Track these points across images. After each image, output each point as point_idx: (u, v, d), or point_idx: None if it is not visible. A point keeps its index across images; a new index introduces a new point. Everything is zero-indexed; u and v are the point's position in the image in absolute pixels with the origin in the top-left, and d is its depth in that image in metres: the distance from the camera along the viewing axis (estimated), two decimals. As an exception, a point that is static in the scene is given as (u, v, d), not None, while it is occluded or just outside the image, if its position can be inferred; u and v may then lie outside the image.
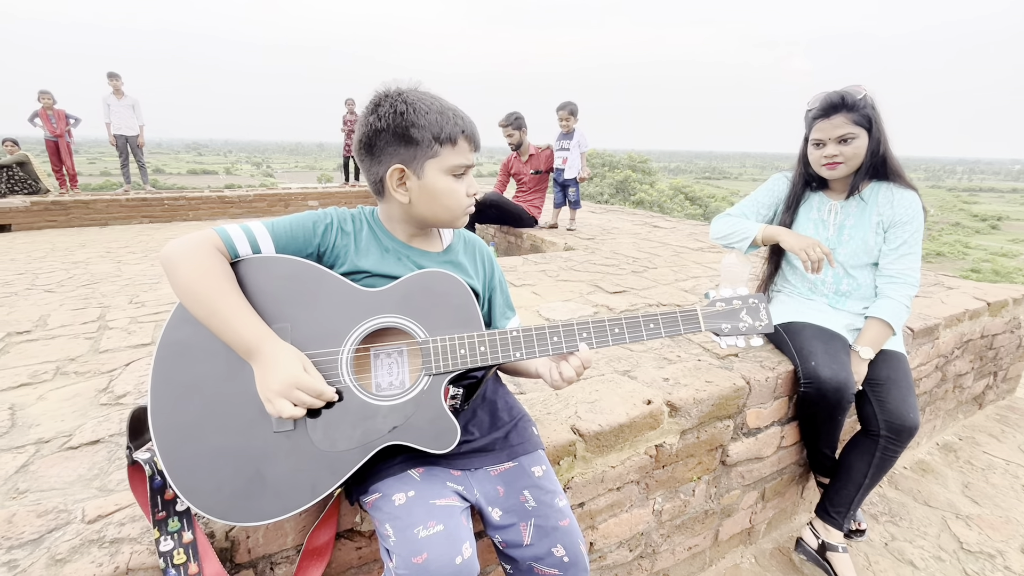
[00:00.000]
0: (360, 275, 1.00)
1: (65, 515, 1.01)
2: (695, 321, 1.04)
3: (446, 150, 0.95)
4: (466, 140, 0.96)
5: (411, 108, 0.93)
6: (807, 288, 1.92)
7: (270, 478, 0.84)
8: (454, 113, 0.95)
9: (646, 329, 1.02)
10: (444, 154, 0.95)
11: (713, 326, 1.05)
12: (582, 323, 0.99)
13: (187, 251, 0.87)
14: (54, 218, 7.38)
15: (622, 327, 1.01)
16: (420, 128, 0.93)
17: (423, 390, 0.92)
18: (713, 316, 1.06)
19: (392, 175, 0.97)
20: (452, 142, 0.94)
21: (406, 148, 0.95)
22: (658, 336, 1.02)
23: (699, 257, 3.65)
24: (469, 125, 0.97)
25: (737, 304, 1.08)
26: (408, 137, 0.93)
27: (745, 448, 1.72)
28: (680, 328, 1.03)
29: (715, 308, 1.06)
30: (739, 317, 1.07)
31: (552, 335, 0.98)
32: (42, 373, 1.67)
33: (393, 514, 0.89)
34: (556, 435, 1.32)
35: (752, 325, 1.07)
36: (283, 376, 0.82)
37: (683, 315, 1.04)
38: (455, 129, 0.94)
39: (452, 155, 0.95)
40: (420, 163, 0.95)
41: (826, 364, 1.63)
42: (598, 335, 0.99)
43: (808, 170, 1.83)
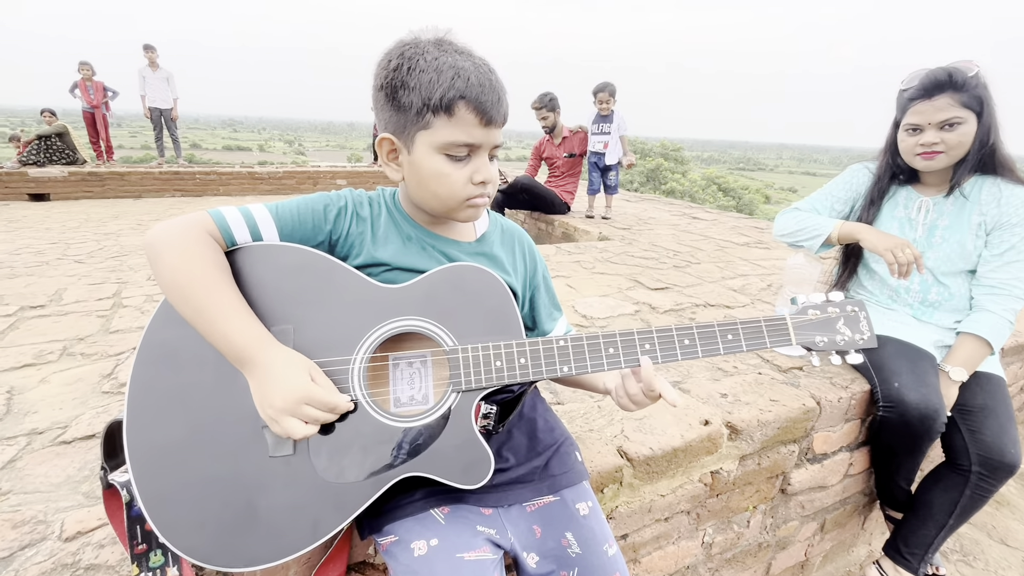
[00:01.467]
0: (378, 268, 0.83)
1: (43, 528, 0.89)
2: (784, 333, 0.84)
3: (439, 121, 0.73)
4: (471, 110, 0.72)
5: (406, 63, 0.72)
6: (887, 296, 1.68)
7: (264, 513, 0.69)
8: (456, 73, 0.71)
9: (723, 341, 0.82)
10: (436, 126, 0.73)
11: (806, 339, 0.85)
12: (644, 333, 0.81)
13: (172, 237, 0.71)
14: (90, 189, 7.49)
15: (693, 338, 0.81)
16: (409, 90, 0.72)
17: (451, 409, 0.76)
18: (806, 327, 0.85)
19: (382, 145, 0.79)
20: (447, 111, 0.72)
21: (397, 114, 0.75)
22: (737, 350, 0.83)
23: (745, 253, 3.39)
24: (476, 90, 0.72)
25: (833, 312, 0.87)
26: (396, 100, 0.74)
27: (809, 476, 1.51)
28: (765, 341, 0.83)
29: (807, 317, 0.86)
30: (836, 328, 0.86)
31: (608, 346, 0.79)
32: (48, 353, 1.58)
33: (412, 568, 0.74)
34: (600, 458, 1.15)
35: (851, 339, 0.86)
36: (288, 389, 0.67)
37: (769, 325, 0.84)
38: (451, 93, 0.71)
39: (446, 128, 0.73)
40: (411, 134, 0.75)
41: (913, 387, 1.41)
42: (664, 347, 0.81)
43: (897, 160, 1.58)
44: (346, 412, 0.73)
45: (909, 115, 1.45)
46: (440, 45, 0.75)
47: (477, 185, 0.78)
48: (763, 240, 3.83)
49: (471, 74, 0.73)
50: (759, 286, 2.61)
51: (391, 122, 0.77)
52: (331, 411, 0.69)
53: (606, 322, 2.01)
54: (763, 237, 3.94)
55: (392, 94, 0.74)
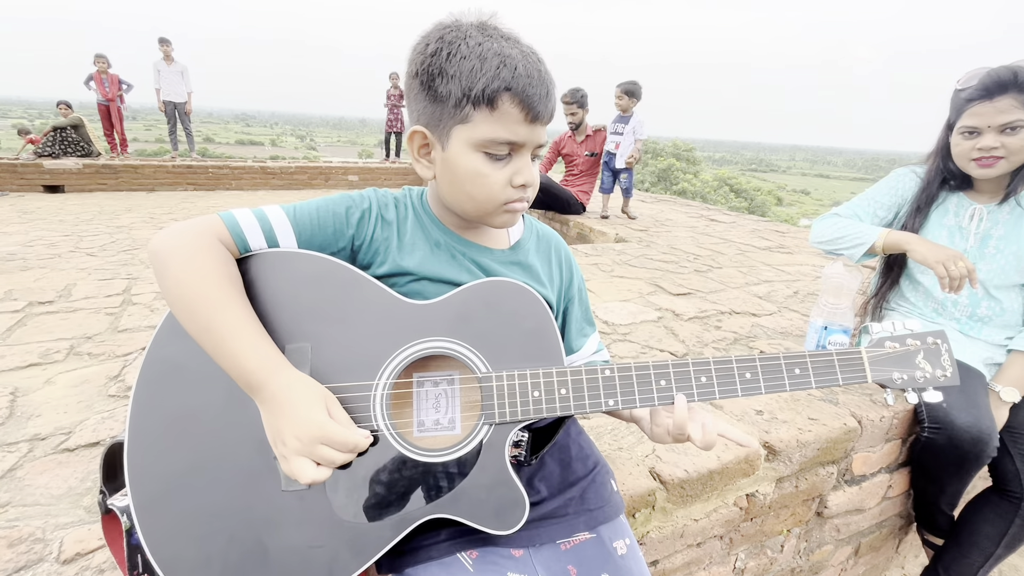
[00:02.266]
0: (404, 277, 0.76)
1: (40, 547, 0.83)
2: (859, 368, 0.75)
3: (479, 115, 0.65)
4: (516, 104, 0.64)
5: (447, 48, 0.64)
6: (932, 310, 1.58)
7: (274, 554, 0.62)
8: (503, 62, 0.64)
9: (789, 376, 0.74)
10: (476, 120, 0.65)
11: (882, 376, 0.76)
12: (701, 363, 0.73)
13: (179, 245, 0.65)
14: (104, 181, 7.52)
15: (756, 371, 0.73)
16: (447, 79, 0.64)
17: (482, 444, 0.68)
18: (883, 361, 0.77)
19: (413, 139, 0.72)
20: (490, 104, 0.64)
21: (432, 105, 0.67)
22: (805, 386, 0.74)
23: (767, 258, 3.28)
24: (523, 82, 0.64)
25: (913, 345, 0.78)
26: (433, 90, 0.66)
27: (846, 498, 1.42)
28: (838, 377, 0.75)
29: (884, 350, 0.77)
30: (915, 363, 0.78)
31: (659, 378, 0.72)
32: (54, 352, 1.53)
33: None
34: (632, 480, 1.07)
35: (932, 375, 0.78)
36: (303, 427, 0.59)
37: (842, 360, 0.75)
38: (495, 84, 0.63)
39: (487, 123, 0.65)
40: (446, 128, 0.67)
41: (962, 408, 1.32)
42: (723, 381, 0.72)
43: (949, 164, 1.49)
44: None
45: (966, 117, 1.36)
46: (484, 29, 0.67)
47: (517, 188, 0.71)
48: (785, 244, 3.72)
49: (519, 63, 0.65)
50: (785, 293, 2.51)
51: (425, 113, 0.70)
52: (350, 452, 0.61)
53: (628, 329, 1.93)
54: (785, 241, 3.83)
55: (428, 82, 0.67)
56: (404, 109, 9.42)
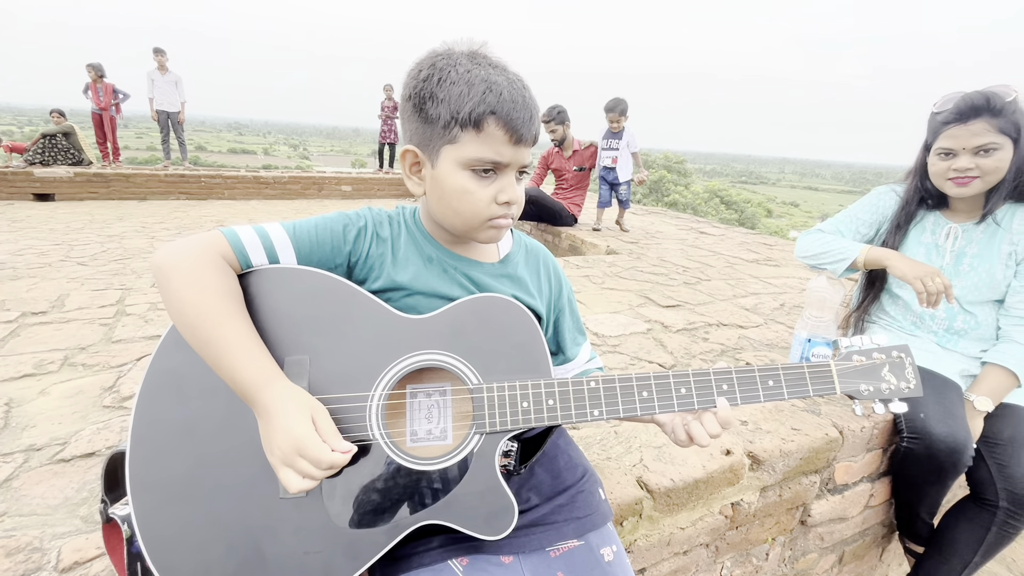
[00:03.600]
0: (398, 292, 0.79)
1: (38, 556, 0.84)
2: (828, 380, 0.79)
3: (467, 136, 0.70)
4: (500, 126, 0.69)
5: (437, 74, 0.70)
6: (910, 323, 1.63)
7: (273, 560, 0.64)
8: (489, 87, 0.69)
9: (764, 388, 0.78)
10: (463, 141, 0.70)
11: (850, 387, 0.80)
12: (680, 376, 0.76)
13: (182, 261, 0.67)
14: (95, 190, 7.48)
15: (732, 383, 0.77)
16: (437, 102, 0.69)
17: (473, 452, 0.71)
18: (850, 374, 0.81)
19: (405, 157, 0.76)
20: (476, 126, 0.69)
21: (423, 126, 0.72)
22: (778, 397, 0.78)
23: (755, 270, 3.35)
24: (508, 106, 0.69)
25: (879, 358, 0.82)
26: (424, 112, 0.71)
27: (829, 507, 1.46)
28: (808, 388, 0.79)
29: (851, 364, 0.81)
30: (880, 376, 0.82)
31: (642, 389, 0.75)
32: (48, 363, 1.54)
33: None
34: (620, 489, 1.10)
35: (896, 387, 0.82)
36: (283, 438, 0.61)
37: (812, 372, 0.79)
38: (481, 108, 0.68)
39: (474, 144, 0.70)
40: (436, 147, 0.72)
41: (939, 418, 1.36)
42: (701, 392, 0.76)
43: (926, 184, 1.55)
44: (361, 453, 0.68)
45: (942, 139, 1.42)
46: (474, 58, 0.72)
47: (501, 205, 0.75)
48: (772, 257, 3.79)
49: (504, 89, 0.69)
50: (771, 305, 2.57)
51: (416, 134, 0.74)
52: (325, 469, 0.62)
53: (618, 340, 1.97)
54: (772, 254, 3.90)
55: (420, 105, 0.71)
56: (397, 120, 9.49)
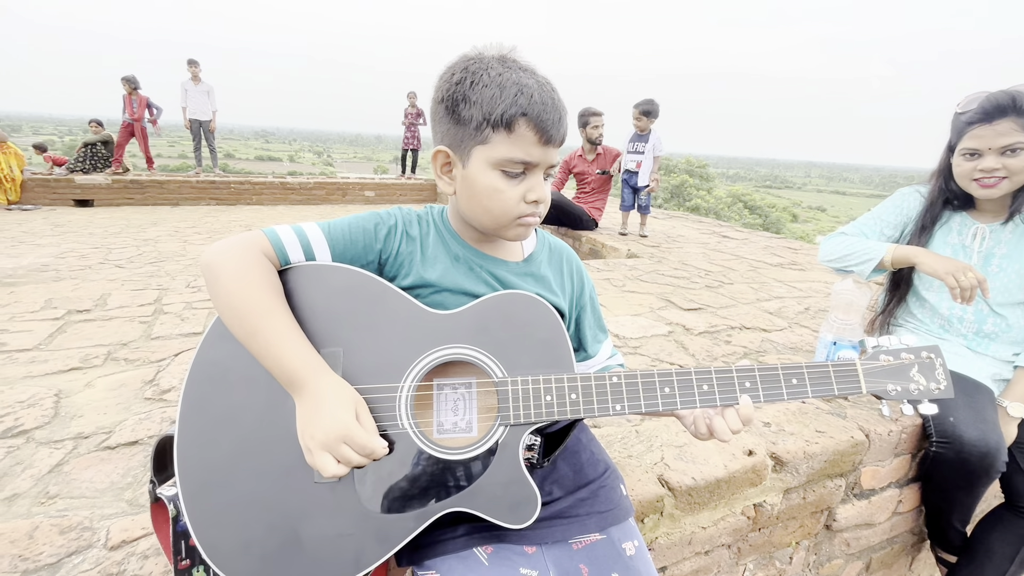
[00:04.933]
0: (426, 289, 0.82)
1: (89, 535, 0.90)
2: (853, 379, 0.79)
3: (498, 136, 0.72)
4: (531, 127, 0.72)
5: (470, 77, 0.72)
6: (938, 326, 1.60)
7: (308, 541, 0.68)
8: (520, 90, 0.71)
9: (787, 386, 0.78)
10: (495, 141, 0.72)
11: (877, 387, 0.80)
12: (702, 372, 0.77)
13: (230, 256, 0.72)
14: (131, 196, 7.79)
15: (755, 380, 0.77)
16: (470, 104, 0.72)
17: (498, 443, 0.73)
18: (877, 374, 0.81)
19: (436, 158, 0.79)
20: (507, 127, 0.71)
21: (455, 127, 0.75)
22: (802, 396, 0.79)
23: (779, 274, 3.30)
24: (538, 108, 0.71)
25: (907, 358, 0.82)
26: (456, 114, 0.74)
27: (856, 512, 1.44)
28: (833, 388, 0.79)
29: (879, 363, 0.81)
30: (909, 376, 0.81)
31: (663, 385, 0.76)
32: (93, 357, 1.62)
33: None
34: (641, 487, 1.11)
35: (926, 388, 0.81)
36: (330, 425, 0.65)
37: (838, 371, 0.79)
38: (513, 110, 0.70)
39: (504, 144, 0.72)
40: (467, 148, 0.75)
41: (971, 423, 1.33)
42: (723, 389, 0.77)
43: (951, 185, 1.53)
44: (390, 442, 0.71)
45: (967, 139, 1.40)
46: (504, 62, 0.74)
47: (530, 204, 0.77)
48: (797, 261, 3.73)
49: (534, 92, 0.72)
50: (796, 309, 2.53)
51: (448, 135, 0.77)
52: (368, 456, 0.66)
53: (639, 343, 1.97)
54: (797, 258, 3.84)
55: (453, 107, 0.74)
56: (421, 127, 9.65)
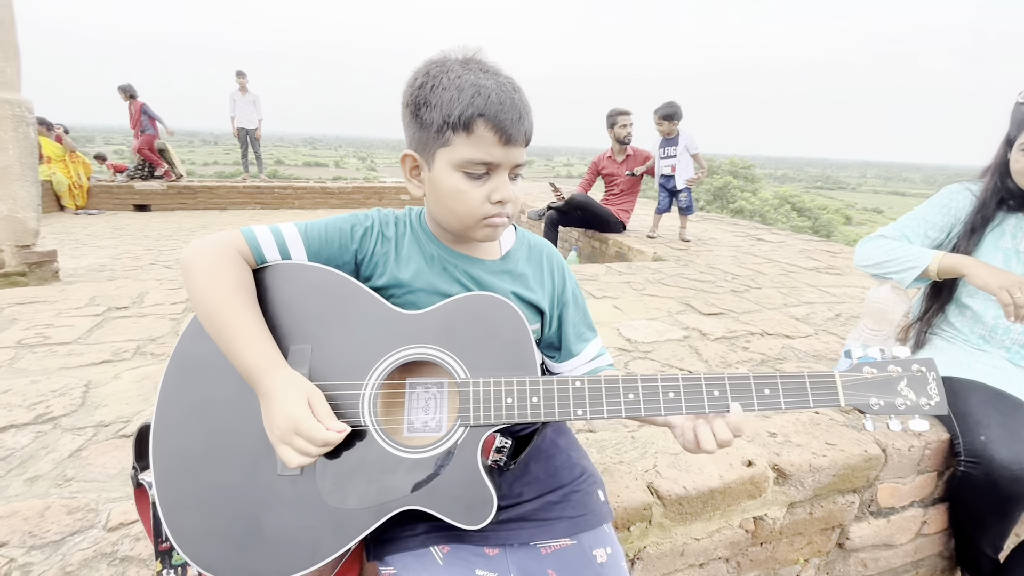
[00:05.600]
0: (400, 288, 0.84)
1: (92, 516, 0.96)
2: (831, 391, 0.75)
3: (458, 138, 0.72)
4: (489, 128, 0.71)
5: (431, 81, 0.73)
6: (978, 336, 1.48)
7: (268, 531, 0.70)
8: (477, 91, 0.71)
9: (758, 396, 0.75)
10: (455, 143, 0.73)
11: (858, 400, 0.75)
12: (669, 379, 0.75)
13: (204, 255, 0.76)
14: (184, 200, 8.27)
15: (724, 389, 0.74)
16: (431, 107, 0.72)
17: (456, 444, 0.74)
18: (859, 386, 0.76)
19: (404, 161, 0.81)
20: (466, 128, 0.71)
21: (419, 130, 0.76)
22: (775, 407, 0.75)
23: (813, 279, 3.15)
24: (495, 108, 0.71)
25: (894, 371, 0.77)
26: (419, 117, 0.75)
27: (872, 531, 1.35)
28: (808, 400, 0.75)
29: (861, 375, 0.76)
30: (896, 390, 0.76)
31: (627, 391, 0.74)
32: (123, 351, 1.73)
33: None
34: (628, 493, 1.09)
35: (915, 403, 0.76)
36: (282, 419, 0.67)
37: (813, 381, 0.75)
38: (470, 111, 0.70)
39: (465, 146, 0.72)
40: (431, 151, 0.75)
41: (1004, 442, 1.23)
42: (691, 397, 0.74)
43: (1007, 183, 1.40)
44: (353, 438, 0.73)
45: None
46: (466, 64, 0.75)
47: (495, 204, 0.77)
48: (834, 265, 3.55)
49: (492, 92, 0.72)
50: (825, 315, 2.41)
51: (414, 138, 0.78)
52: (322, 445, 0.67)
53: (651, 347, 1.93)
54: (835, 262, 3.66)
55: (416, 111, 0.75)
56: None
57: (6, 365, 1.60)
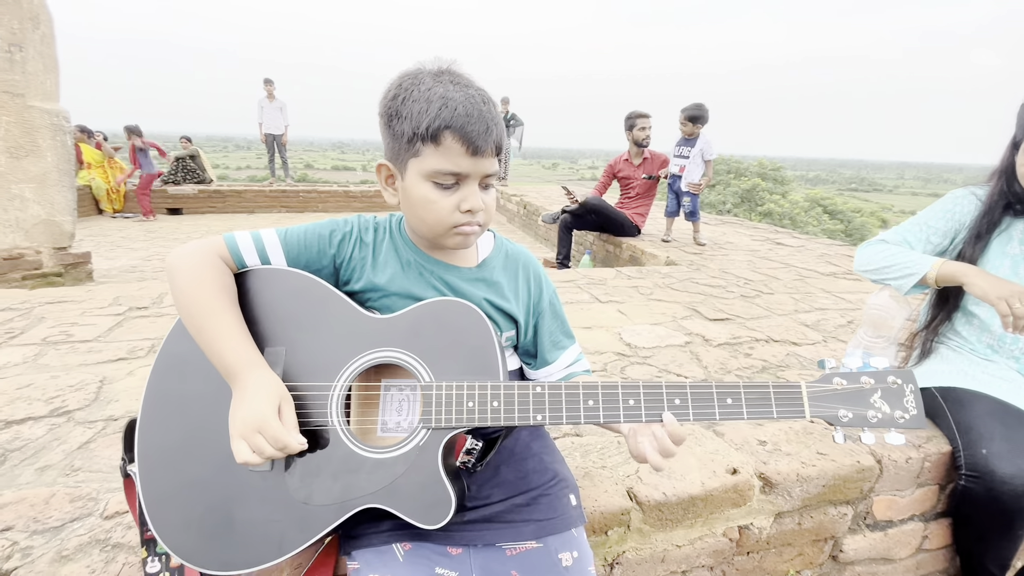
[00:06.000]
0: (375, 293, 0.87)
1: (92, 504, 1.02)
2: (796, 403, 0.74)
3: (427, 149, 0.75)
4: (457, 139, 0.74)
5: (402, 93, 0.76)
6: (986, 346, 1.43)
7: (239, 524, 0.74)
8: (444, 103, 0.73)
9: (720, 405, 0.74)
10: (425, 154, 0.76)
11: (825, 412, 0.74)
12: (630, 387, 0.75)
13: (186, 261, 0.80)
14: (214, 204, 8.57)
15: (686, 398, 0.75)
16: (402, 119, 0.75)
17: (418, 446, 0.76)
18: (827, 398, 0.75)
19: (380, 171, 0.84)
20: (434, 140, 0.74)
21: (393, 141, 0.79)
22: (736, 417, 0.75)
23: (829, 284, 3.08)
24: (462, 120, 0.73)
25: (867, 383, 0.75)
26: (392, 128, 0.78)
27: (868, 544, 1.32)
28: (772, 410, 0.74)
29: (830, 386, 0.75)
30: (869, 402, 0.74)
31: (588, 397, 0.75)
32: (139, 349, 1.82)
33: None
34: (607, 497, 1.09)
35: (888, 416, 0.74)
36: (248, 415, 0.70)
37: (778, 392, 0.74)
38: (437, 123, 0.73)
39: (434, 157, 0.75)
40: (404, 161, 0.79)
41: (1006, 456, 1.19)
42: (650, 406, 0.74)
43: (1014, 187, 1.35)
44: (320, 437, 0.76)
45: None
46: (438, 76, 0.77)
47: (464, 213, 0.79)
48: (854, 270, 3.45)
49: (459, 104, 0.74)
50: (837, 322, 2.35)
51: (388, 149, 0.81)
52: (280, 449, 0.70)
53: (651, 352, 1.92)
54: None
55: (388, 122, 0.78)
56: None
57: (31, 361, 1.70)
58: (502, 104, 9.59)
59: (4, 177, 3.53)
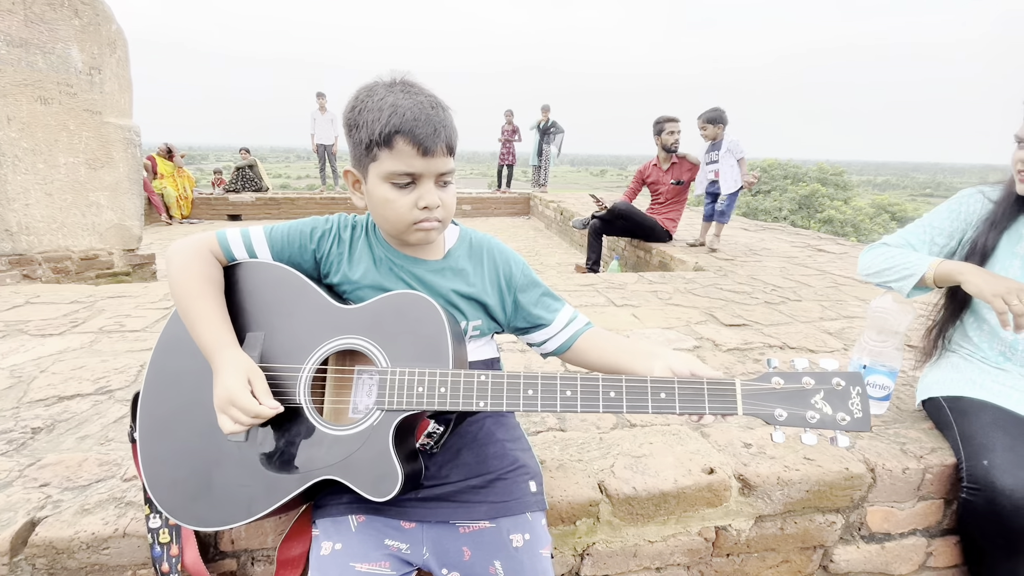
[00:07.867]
0: (350, 286, 0.95)
1: (116, 468, 1.16)
2: (729, 399, 0.75)
3: (383, 153, 0.82)
4: (408, 142, 0.80)
5: (359, 105, 0.83)
6: (997, 352, 1.36)
7: (216, 486, 0.84)
8: (394, 110, 0.80)
9: (654, 399, 0.77)
10: (381, 158, 0.83)
11: (759, 411, 0.75)
12: (568, 378, 0.79)
13: (181, 252, 0.91)
14: (270, 211, 9.12)
15: (620, 391, 0.78)
16: (359, 128, 0.83)
17: (372, 425, 0.83)
18: (762, 396, 0.75)
19: (347, 176, 0.91)
20: (387, 144, 0.81)
21: (355, 149, 0.86)
22: (670, 411, 0.77)
23: (865, 292, 2.93)
24: (410, 124, 0.80)
25: (808, 383, 0.75)
26: (353, 137, 0.85)
27: (862, 556, 1.28)
28: (704, 406, 0.76)
29: (767, 385, 0.76)
30: (809, 403, 0.74)
31: (527, 387, 0.80)
32: (178, 339, 2.01)
33: (315, 565, 0.83)
34: (576, 489, 1.12)
35: (830, 417, 0.73)
36: (222, 391, 0.80)
37: (712, 388, 0.76)
38: (388, 129, 0.80)
39: (389, 160, 0.82)
40: (365, 166, 0.86)
41: (1008, 468, 1.13)
42: (586, 397, 0.78)
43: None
44: (290, 414, 0.84)
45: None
46: (390, 87, 0.85)
47: (422, 210, 0.85)
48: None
49: (407, 110, 0.81)
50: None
51: (352, 156, 0.90)
52: (252, 417, 0.78)
53: (655, 355, 1.92)
54: (900, 275, 3.36)
55: (350, 132, 0.87)
56: (516, 143, 10.02)
57: (87, 346, 1.92)
58: (542, 112, 9.68)
59: (83, 186, 3.95)
